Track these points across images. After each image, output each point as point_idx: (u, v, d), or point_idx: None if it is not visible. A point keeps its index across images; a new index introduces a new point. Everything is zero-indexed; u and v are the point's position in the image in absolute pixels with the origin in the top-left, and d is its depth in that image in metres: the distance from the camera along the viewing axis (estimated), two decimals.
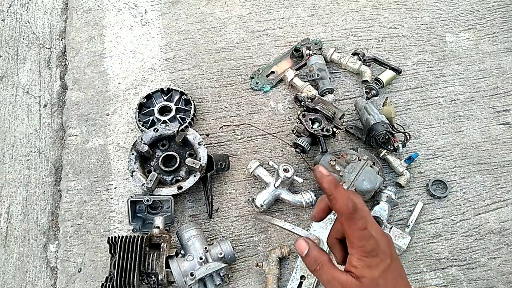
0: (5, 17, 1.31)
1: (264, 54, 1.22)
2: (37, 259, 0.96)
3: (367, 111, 1.02)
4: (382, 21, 1.28)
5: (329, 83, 1.11)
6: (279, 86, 1.17)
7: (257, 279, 0.91)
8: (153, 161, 1.00)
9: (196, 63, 1.21)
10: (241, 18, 1.29)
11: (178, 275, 0.81)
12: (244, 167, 1.05)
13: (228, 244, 0.86)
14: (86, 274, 0.94)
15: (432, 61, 1.20)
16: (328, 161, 0.95)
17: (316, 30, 1.26)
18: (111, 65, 1.22)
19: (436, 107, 1.13)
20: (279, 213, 0.98)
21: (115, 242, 0.82)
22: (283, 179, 0.91)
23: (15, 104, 1.16)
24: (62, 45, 1.26)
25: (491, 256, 0.93)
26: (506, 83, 1.16)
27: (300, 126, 0.98)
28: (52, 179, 1.06)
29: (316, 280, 0.88)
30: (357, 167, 0.90)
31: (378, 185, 0.89)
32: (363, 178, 0.89)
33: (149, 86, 1.17)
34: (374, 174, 0.90)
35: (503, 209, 0.99)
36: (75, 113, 1.14)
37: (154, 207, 0.95)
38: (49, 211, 1.02)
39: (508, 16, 1.28)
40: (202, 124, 1.12)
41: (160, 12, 1.31)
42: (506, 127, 1.10)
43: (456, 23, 1.28)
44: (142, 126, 1.05)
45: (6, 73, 1.22)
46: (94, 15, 1.31)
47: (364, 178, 0.89)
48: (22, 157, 1.09)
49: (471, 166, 1.04)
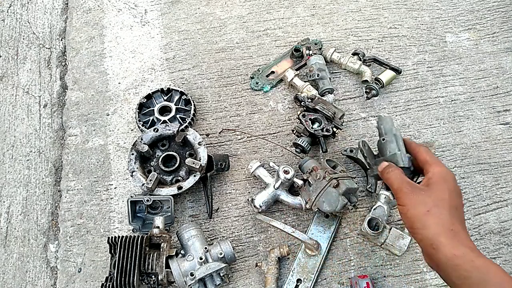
0: (5, 17, 1.32)
1: (264, 54, 1.22)
2: (37, 259, 0.96)
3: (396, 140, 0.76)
4: (382, 21, 1.28)
5: (329, 83, 1.11)
6: (279, 86, 1.17)
7: (257, 279, 0.91)
8: (153, 161, 1.00)
9: (196, 63, 1.21)
10: (241, 18, 1.29)
11: (178, 275, 0.81)
12: (244, 167, 1.05)
13: (228, 244, 0.86)
14: (86, 274, 0.94)
15: (432, 61, 1.20)
16: (310, 167, 0.93)
17: (316, 30, 1.26)
18: (111, 65, 1.22)
19: (436, 107, 1.13)
20: (279, 213, 0.98)
21: (115, 242, 0.82)
22: (283, 180, 0.91)
23: (15, 104, 1.16)
24: (62, 45, 1.26)
25: (491, 256, 0.93)
26: (506, 83, 1.16)
27: (300, 126, 0.98)
28: (52, 179, 1.06)
29: (312, 285, 0.88)
30: (318, 188, 0.87)
31: (339, 208, 0.85)
32: (323, 200, 0.86)
33: (149, 86, 1.17)
34: (336, 196, 0.85)
35: (503, 209, 0.99)
36: (75, 113, 1.14)
37: (154, 207, 0.95)
38: (49, 211, 1.02)
39: (508, 16, 1.28)
40: (202, 124, 1.12)
41: (160, 12, 1.31)
42: (506, 127, 1.10)
43: (456, 23, 1.28)
44: (142, 126, 1.05)
45: (6, 73, 1.22)
46: (94, 15, 1.31)
47: (324, 199, 0.86)
48: (22, 157, 1.09)
49: (471, 166, 1.04)
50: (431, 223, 0.57)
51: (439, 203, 0.59)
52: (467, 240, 0.57)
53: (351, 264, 0.92)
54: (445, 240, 0.56)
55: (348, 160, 1.05)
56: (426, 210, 0.58)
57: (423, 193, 0.61)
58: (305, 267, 0.90)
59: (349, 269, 0.92)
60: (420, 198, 0.60)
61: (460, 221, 0.59)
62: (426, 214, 0.58)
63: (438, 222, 0.57)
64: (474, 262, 0.53)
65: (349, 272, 0.92)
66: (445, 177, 0.62)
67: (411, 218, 0.59)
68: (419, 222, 0.58)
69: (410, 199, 0.61)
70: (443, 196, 0.60)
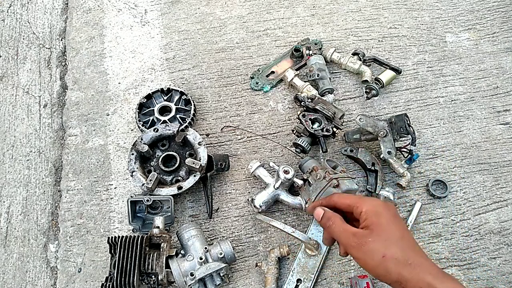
0: (5, 17, 1.32)
1: (264, 54, 1.22)
2: (37, 259, 0.96)
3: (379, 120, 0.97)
4: (382, 21, 1.28)
5: (329, 83, 1.11)
6: (279, 86, 1.17)
7: (257, 279, 0.91)
8: (153, 161, 1.00)
9: (196, 63, 1.21)
10: (241, 18, 1.29)
11: (178, 275, 0.81)
12: (244, 167, 1.05)
13: (228, 244, 0.86)
14: (86, 274, 0.94)
15: (432, 61, 1.20)
16: (310, 166, 0.93)
17: (316, 30, 1.26)
18: (111, 65, 1.22)
19: (436, 107, 1.13)
20: (279, 213, 0.98)
21: (115, 242, 0.82)
22: (283, 180, 0.91)
23: (15, 104, 1.16)
24: (62, 45, 1.26)
25: (491, 256, 0.93)
26: (506, 83, 1.16)
27: (300, 126, 0.98)
28: (52, 179, 1.06)
29: (312, 285, 0.88)
30: (318, 188, 0.87)
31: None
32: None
33: (149, 86, 1.17)
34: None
35: (503, 209, 0.99)
36: (75, 113, 1.14)
37: (154, 207, 0.95)
38: (49, 211, 1.02)
39: (508, 16, 1.28)
40: (202, 124, 1.12)
41: (160, 12, 1.31)
42: (506, 127, 1.10)
43: (456, 23, 1.28)
44: (142, 126, 1.05)
45: (6, 73, 1.22)
46: (94, 15, 1.31)
47: None
48: (22, 157, 1.09)
49: (471, 166, 1.04)
50: (390, 266, 0.57)
51: (387, 244, 0.58)
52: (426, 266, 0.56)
53: (351, 264, 0.92)
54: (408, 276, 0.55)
55: (348, 160, 1.05)
56: (381, 257, 0.57)
57: (370, 239, 0.59)
58: (305, 267, 0.90)
59: (349, 269, 0.92)
60: (370, 247, 0.59)
61: (412, 249, 0.59)
62: (383, 261, 0.57)
63: (396, 262, 0.56)
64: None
65: (349, 272, 0.92)
66: (377, 211, 0.61)
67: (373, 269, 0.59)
68: (381, 270, 0.58)
69: (363, 252, 0.60)
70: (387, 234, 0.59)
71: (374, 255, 0.58)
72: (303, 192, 0.92)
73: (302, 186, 0.92)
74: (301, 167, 0.97)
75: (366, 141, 1.03)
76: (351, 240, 0.61)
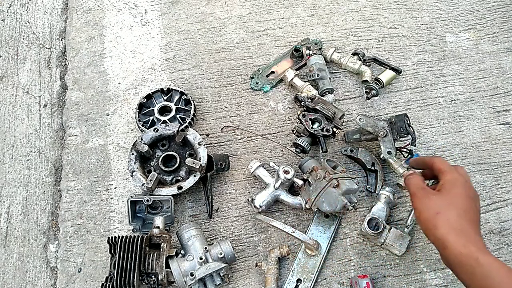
0: (5, 17, 1.32)
1: (264, 54, 1.22)
2: (37, 259, 0.96)
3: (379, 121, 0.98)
4: (382, 21, 1.28)
5: (329, 83, 1.11)
6: (279, 86, 1.17)
7: (257, 279, 0.91)
8: (153, 161, 1.00)
9: (196, 63, 1.21)
10: (241, 18, 1.29)
11: (178, 275, 0.81)
12: (244, 167, 1.05)
13: (228, 244, 0.86)
14: (86, 274, 0.94)
15: (432, 61, 1.20)
16: (310, 166, 0.93)
17: (316, 30, 1.26)
18: (111, 65, 1.22)
19: (436, 107, 1.13)
20: (279, 213, 0.98)
21: (115, 242, 0.82)
22: (283, 180, 0.91)
23: (15, 104, 1.16)
24: (62, 45, 1.26)
25: None
26: (506, 83, 1.16)
27: (300, 126, 0.98)
28: (52, 179, 1.06)
29: (312, 285, 0.88)
30: (318, 188, 0.87)
31: (339, 208, 0.85)
32: (323, 200, 0.86)
33: (149, 86, 1.17)
34: (336, 196, 0.85)
35: (503, 209, 0.99)
36: (75, 113, 1.14)
37: (154, 207, 0.95)
38: (49, 211, 1.02)
39: (508, 16, 1.28)
40: (202, 124, 1.12)
41: (160, 12, 1.31)
42: (506, 127, 1.10)
43: (456, 23, 1.28)
44: (142, 126, 1.05)
45: (6, 73, 1.22)
46: (94, 15, 1.31)
47: (324, 200, 0.86)
48: (22, 157, 1.09)
49: (471, 166, 1.04)
50: (440, 223, 0.63)
51: (448, 206, 0.65)
52: (475, 239, 0.61)
53: (351, 264, 0.93)
54: (452, 239, 0.61)
55: (348, 160, 1.05)
56: (435, 213, 0.65)
57: (434, 197, 0.67)
58: (305, 267, 0.90)
59: (349, 269, 0.92)
60: (431, 202, 0.67)
61: (470, 222, 0.64)
62: (436, 216, 0.64)
63: (447, 222, 0.63)
64: (478, 259, 0.58)
65: (349, 272, 0.92)
66: (455, 183, 0.68)
67: (424, 220, 0.66)
68: (430, 223, 0.65)
69: (422, 203, 0.68)
70: (452, 200, 0.66)
71: (430, 209, 0.66)
72: (303, 192, 0.92)
73: (302, 186, 0.92)
74: (301, 167, 0.97)
75: (366, 141, 1.03)
76: (418, 191, 0.71)
